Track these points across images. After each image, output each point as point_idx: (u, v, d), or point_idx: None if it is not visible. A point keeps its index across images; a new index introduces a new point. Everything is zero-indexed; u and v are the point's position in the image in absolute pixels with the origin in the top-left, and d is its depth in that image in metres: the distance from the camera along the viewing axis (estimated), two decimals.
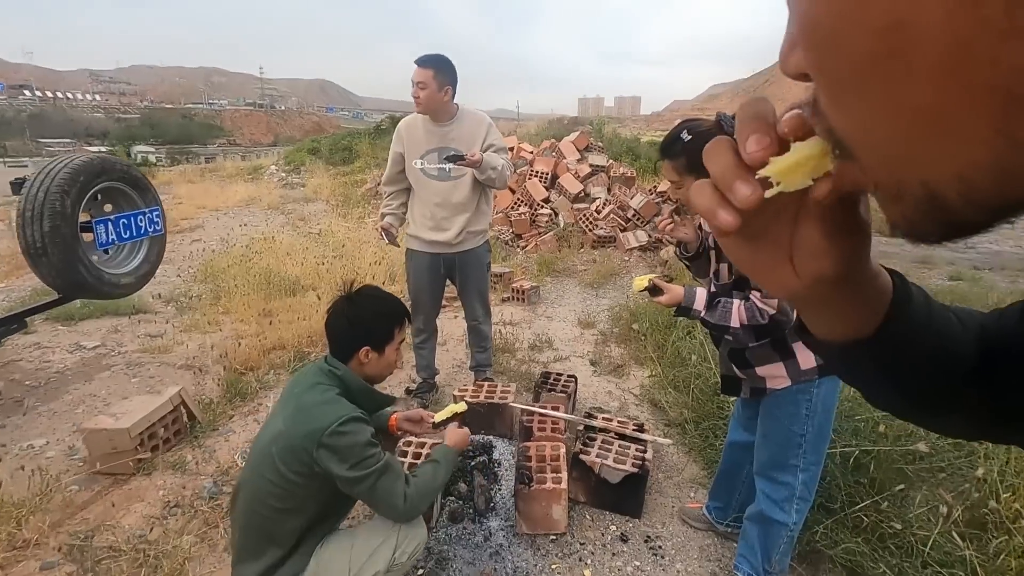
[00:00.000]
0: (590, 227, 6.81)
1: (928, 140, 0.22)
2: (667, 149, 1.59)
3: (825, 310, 0.39)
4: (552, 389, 2.96)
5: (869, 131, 0.24)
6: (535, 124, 21.01)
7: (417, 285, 2.91)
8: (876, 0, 0.20)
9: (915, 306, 0.39)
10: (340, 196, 10.88)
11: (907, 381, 0.41)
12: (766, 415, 1.72)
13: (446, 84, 2.59)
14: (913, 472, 2.20)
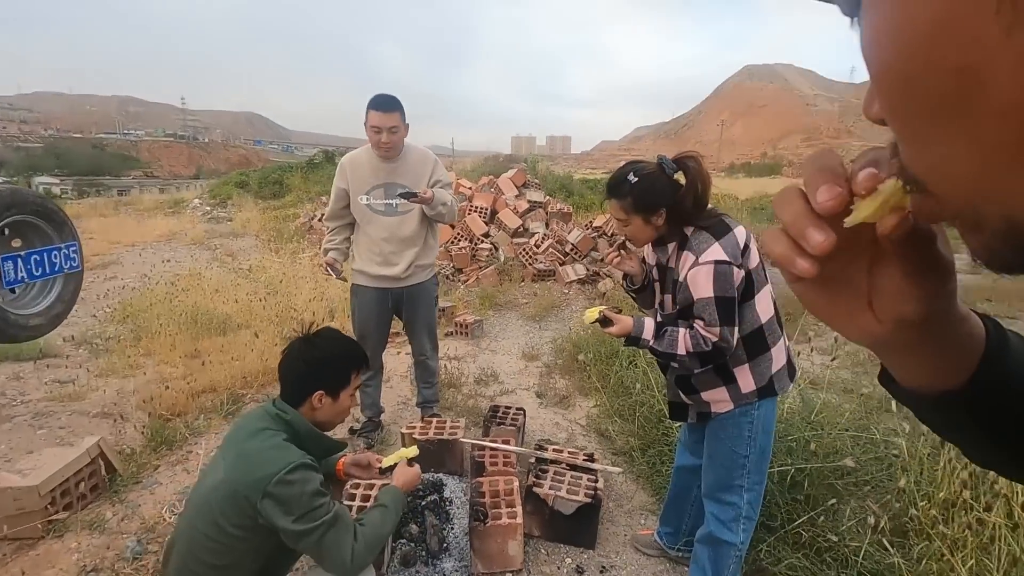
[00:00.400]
0: (530, 261, 6.94)
1: (1006, 174, 0.22)
2: (615, 189, 1.68)
3: (911, 357, 0.37)
4: (501, 422, 2.95)
5: (945, 167, 0.24)
6: (471, 160, 21.37)
7: (364, 321, 2.86)
8: (948, 44, 0.21)
9: (1013, 353, 0.37)
10: (272, 231, 10.51)
11: (1004, 435, 0.38)
12: (711, 438, 1.80)
13: (406, 124, 2.63)
14: (842, 487, 2.35)
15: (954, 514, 1.95)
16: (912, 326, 0.33)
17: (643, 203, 1.64)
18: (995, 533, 1.78)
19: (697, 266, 1.56)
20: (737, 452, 1.73)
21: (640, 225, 1.69)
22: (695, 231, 1.62)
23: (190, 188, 26.88)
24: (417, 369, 3.12)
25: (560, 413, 3.56)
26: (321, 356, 1.57)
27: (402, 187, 2.67)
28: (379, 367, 3.04)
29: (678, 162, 1.64)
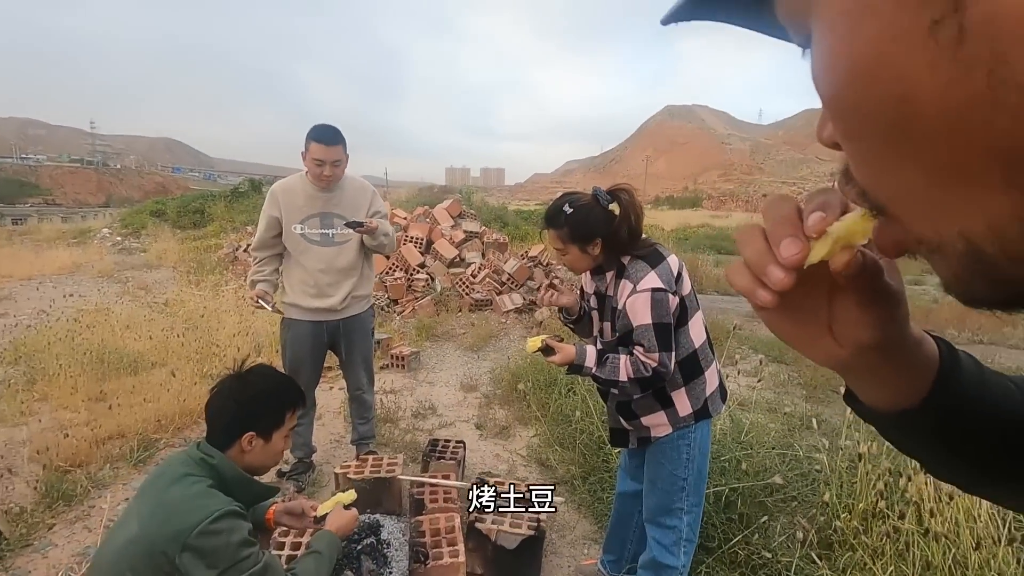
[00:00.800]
0: (467, 291, 6.92)
1: (955, 191, 0.24)
2: (552, 220, 1.73)
3: (871, 378, 0.40)
4: (441, 457, 2.88)
5: (899, 188, 0.26)
6: (405, 191, 21.27)
7: (296, 356, 2.72)
8: (885, 75, 0.23)
9: (965, 374, 0.40)
10: (191, 262, 9.91)
11: (967, 453, 0.41)
12: (652, 462, 1.83)
13: (347, 155, 2.58)
14: (772, 504, 2.45)
15: (873, 524, 2.07)
16: (870, 350, 0.36)
17: (579, 233, 1.69)
18: (909, 540, 1.91)
19: (635, 294, 1.61)
20: (677, 475, 1.77)
21: (577, 254, 1.73)
22: (631, 260, 1.68)
23: (98, 217, 24.99)
24: (352, 404, 2.99)
25: (500, 444, 3.52)
26: (254, 394, 1.47)
27: (339, 217, 2.61)
28: (311, 404, 2.90)
29: (612, 193, 1.71)
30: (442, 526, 2.20)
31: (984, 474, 0.42)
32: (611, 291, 1.74)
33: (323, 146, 2.47)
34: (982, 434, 0.40)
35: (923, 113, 0.22)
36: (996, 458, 0.41)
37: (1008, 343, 6.63)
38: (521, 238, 12.87)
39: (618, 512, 2.16)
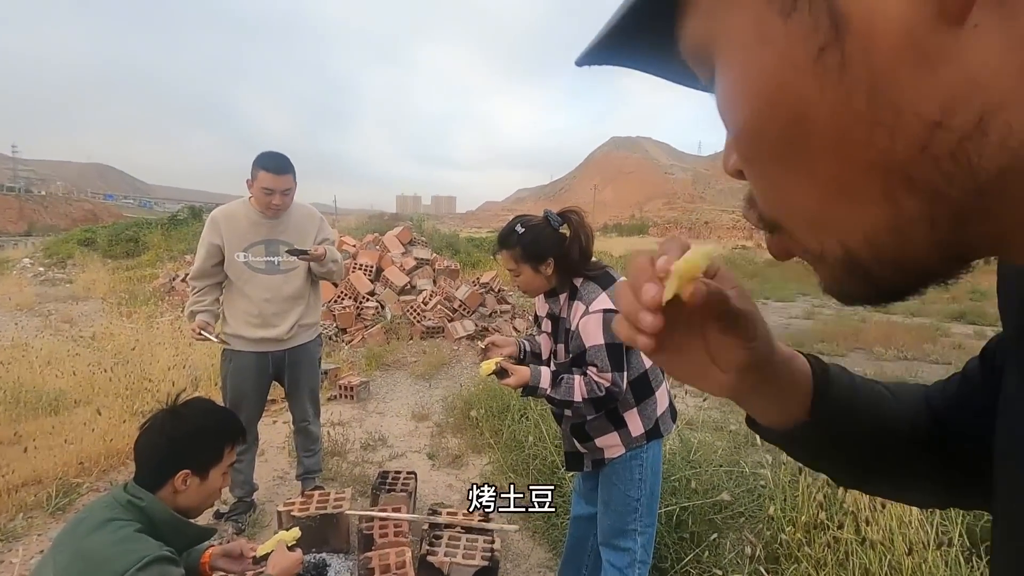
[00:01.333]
0: (418, 318, 6.84)
1: (838, 206, 0.26)
2: (504, 240, 1.76)
3: (759, 398, 0.44)
4: (391, 489, 2.79)
5: (792, 204, 0.29)
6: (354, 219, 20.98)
7: (239, 389, 2.59)
8: (783, 100, 0.25)
9: (837, 384, 0.45)
10: (123, 293, 9.36)
11: (855, 455, 0.46)
12: (605, 484, 1.84)
13: (296, 182, 2.53)
14: (721, 521, 2.50)
15: (815, 535, 2.14)
16: (749, 371, 0.40)
17: (531, 252, 1.72)
18: (848, 549, 1.99)
19: (588, 315, 1.65)
20: (630, 496, 1.78)
21: (530, 275, 1.76)
22: (583, 282, 1.72)
23: (18, 246, 23.32)
24: (298, 437, 2.87)
25: (453, 473, 3.45)
26: (189, 430, 1.38)
27: (285, 244, 2.55)
28: (254, 439, 2.76)
29: (562, 216, 1.76)
30: (392, 561, 2.12)
31: (871, 475, 0.48)
32: (564, 313, 1.77)
33: (272, 175, 2.41)
34: (862, 437, 0.45)
35: (816, 132, 0.25)
36: (879, 458, 0.46)
37: (929, 359, 7.11)
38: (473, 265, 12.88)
39: (573, 537, 2.14)
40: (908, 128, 0.23)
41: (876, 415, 0.46)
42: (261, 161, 2.43)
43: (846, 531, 2.01)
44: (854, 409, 0.45)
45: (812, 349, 7.43)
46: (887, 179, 0.24)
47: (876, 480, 0.49)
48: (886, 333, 8.19)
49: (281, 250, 2.55)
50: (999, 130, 0.22)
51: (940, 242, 0.25)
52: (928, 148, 0.23)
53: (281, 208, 2.48)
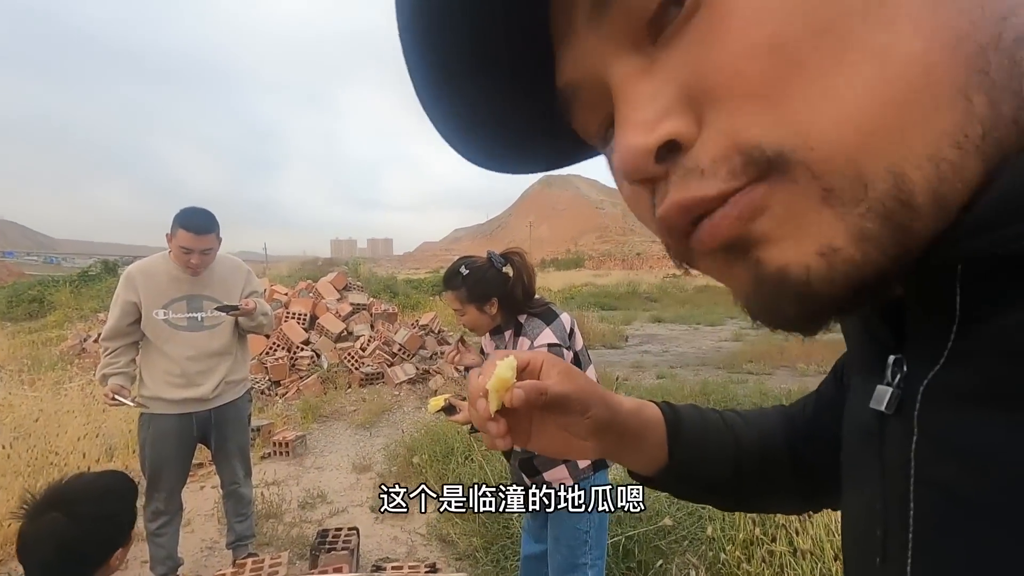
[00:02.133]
0: (356, 365, 6.65)
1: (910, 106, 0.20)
2: (449, 282, 1.81)
3: (624, 451, 0.48)
4: (332, 548, 2.66)
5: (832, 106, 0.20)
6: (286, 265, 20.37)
7: (160, 456, 2.42)
8: None
9: (688, 423, 0.49)
10: (25, 359, 8.54)
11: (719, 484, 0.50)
12: (554, 519, 1.84)
13: (220, 240, 2.44)
14: (666, 546, 2.54)
15: (753, 551, 2.22)
16: (602, 434, 0.45)
17: (475, 293, 1.77)
18: (783, 561, 2.08)
19: (533, 350, 1.68)
20: (579, 528, 1.79)
21: (475, 314, 1.80)
22: (528, 318, 1.77)
23: None
24: (227, 502, 2.69)
25: (398, 525, 3.32)
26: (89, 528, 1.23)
27: (209, 299, 2.45)
28: (178, 509, 2.56)
29: (505, 256, 1.83)
30: None
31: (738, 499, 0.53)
32: (510, 349, 1.80)
33: (192, 234, 2.31)
34: (719, 466, 0.50)
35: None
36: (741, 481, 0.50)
37: None
38: (412, 307, 12.75)
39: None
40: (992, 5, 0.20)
41: (727, 443, 0.50)
42: (181, 219, 2.34)
43: (779, 544, 2.11)
44: (707, 442, 0.50)
45: (742, 370, 7.82)
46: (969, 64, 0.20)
47: (748, 500, 0.54)
48: (806, 350, 8.73)
49: (205, 306, 2.45)
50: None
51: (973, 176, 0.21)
52: (1002, 37, 0.20)
53: (200, 267, 2.39)
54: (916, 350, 0.28)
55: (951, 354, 0.25)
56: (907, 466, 0.27)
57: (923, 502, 0.27)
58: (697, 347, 10.48)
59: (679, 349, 10.25)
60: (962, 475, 0.24)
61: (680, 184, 0.24)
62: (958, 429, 0.25)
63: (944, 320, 0.25)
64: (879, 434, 0.31)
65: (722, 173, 0.22)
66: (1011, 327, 0.22)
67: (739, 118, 0.22)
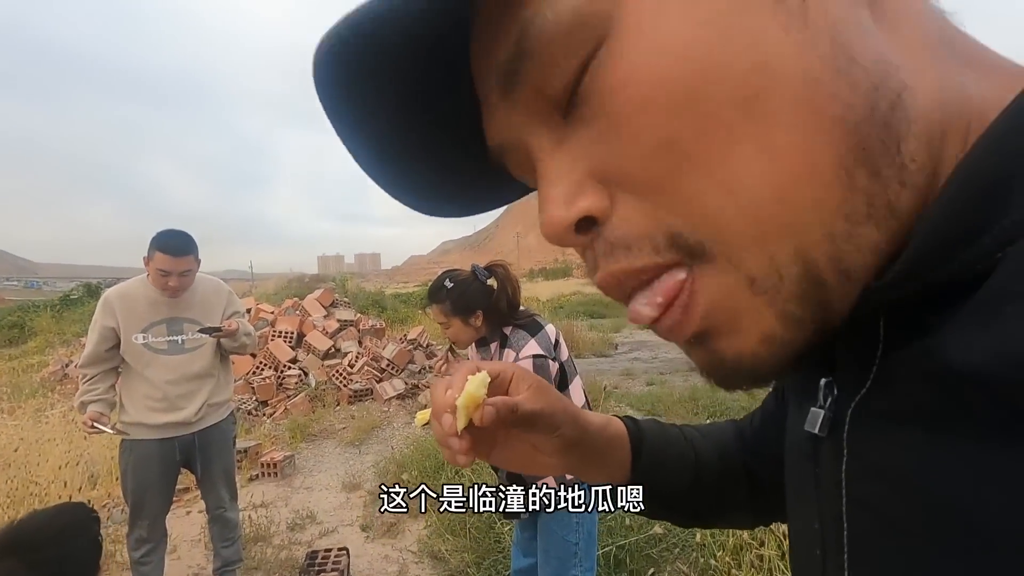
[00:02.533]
0: (344, 382, 6.60)
1: (797, 186, 0.22)
2: (434, 295, 1.83)
3: (590, 469, 0.48)
4: (321, 570, 2.63)
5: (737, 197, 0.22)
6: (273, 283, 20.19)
7: (142, 483, 2.37)
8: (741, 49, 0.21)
9: (649, 437, 0.49)
10: (5, 386, 8.38)
11: (678, 498, 0.50)
12: (543, 532, 1.83)
13: (199, 261, 2.42)
14: (657, 554, 2.54)
15: (742, 556, 2.23)
16: (568, 451, 0.45)
17: (460, 306, 1.79)
18: (771, 566, 2.08)
19: (518, 361, 1.70)
20: (568, 540, 1.78)
21: (460, 327, 1.81)
22: (513, 330, 1.78)
23: None
24: (213, 527, 2.65)
25: (389, 544, 3.29)
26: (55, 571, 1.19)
27: (190, 322, 2.42)
28: (162, 536, 2.51)
29: (489, 269, 1.85)
30: None
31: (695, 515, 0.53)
32: (483, 362, 1.81)
33: (169, 256, 2.28)
34: (679, 480, 0.50)
35: (782, 80, 0.21)
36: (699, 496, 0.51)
37: None
38: (401, 321, 12.69)
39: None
40: (862, 83, 0.21)
41: (687, 458, 0.51)
42: (158, 241, 2.32)
43: (768, 548, 2.12)
44: (668, 457, 0.50)
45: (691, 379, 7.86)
46: (847, 144, 0.21)
47: (702, 515, 0.54)
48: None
49: (186, 328, 2.43)
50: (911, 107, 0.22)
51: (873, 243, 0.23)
52: (875, 110, 0.21)
53: (179, 290, 2.36)
54: (844, 374, 0.29)
55: (876, 378, 0.26)
56: (839, 487, 0.28)
57: (856, 523, 0.27)
58: None
59: (668, 356, 10.27)
60: (889, 496, 0.25)
61: (608, 256, 0.26)
62: (883, 450, 0.25)
63: (869, 345, 0.26)
64: (813, 455, 0.32)
65: (647, 249, 0.24)
66: (930, 351, 0.22)
67: (653, 206, 0.24)
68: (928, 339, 0.23)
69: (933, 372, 0.22)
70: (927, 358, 0.22)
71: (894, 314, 0.25)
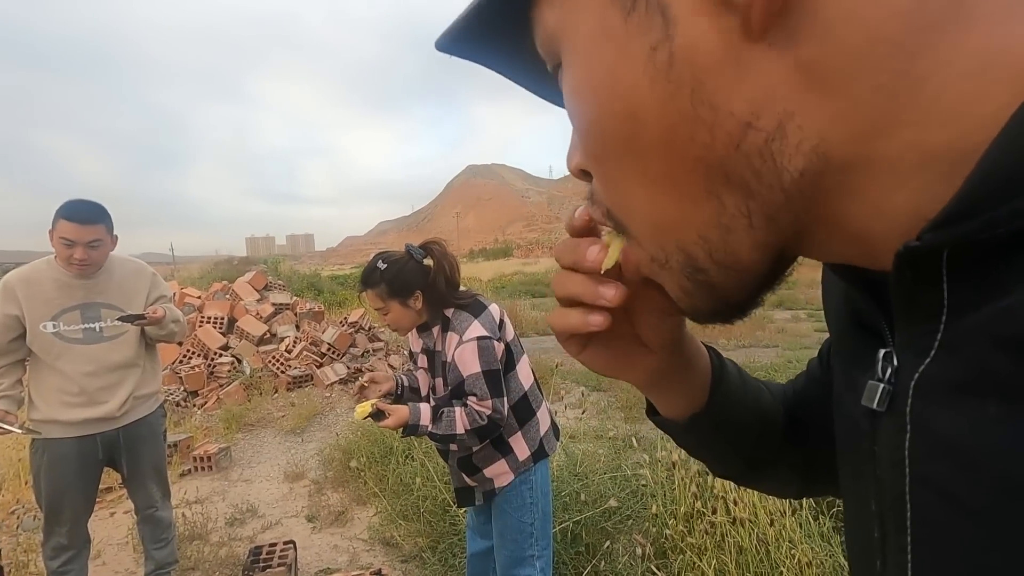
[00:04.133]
0: (282, 368, 6.31)
1: (671, 204, 0.28)
2: (367, 279, 1.72)
3: (671, 385, 0.44)
4: (267, 566, 2.50)
5: (630, 203, 0.30)
6: (198, 266, 18.99)
7: (58, 486, 2.14)
8: (616, 94, 0.27)
9: (730, 376, 0.46)
10: None
11: (739, 444, 0.48)
12: (498, 514, 1.81)
13: (113, 237, 2.18)
14: (612, 527, 2.59)
15: (694, 524, 2.30)
16: (673, 354, 0.41)
17: (395, 287, 1.69)
18: (723, 531, 2.16)
19: (462, 344, 1.63)
20: (524, 522, 1.77)
21: (399, 310, 1.72)
22: (455, 312, 1.70)
23: None
24: (143, 528, 2.45)
25: (338, 533, 3.18)
26: None
27: (108, 307, 2.19)
28: (84, 542, 2.29)
29: (424, 248, 1.75)
30: None
31: (749, 465, 0.50)
32: (439, 346, 1.74)
33: (75, 224, 2.04)
34: (745, 428, 0.48)
35: (647, 128, 0.26)
36: (758, 448, 0.49)
37: (761, 344, 8.16)
38: (339, 304, 12.29)
39: (472, 574, 2.07)
40: (724, 126, 0.25)
41: (757, 408, 0.48)
42: (63, 210, 2.06)
43: (719, 515, 2.19)
44: (742, 401, 0.47)
45: None
46: (709, 175, 0.26)
47: (753, 469, 0.51)
48: (726, 329, 9.26)
49: (104, 314, 2.19)
50: (794, 134, 0.24)
51: (759, 242, 0.27)
52: (741, 146, 0.25)
53: (88, 264, 2.11)
54: (906, 343, 0.27)
55: (941, 345, 0.24)
56: (901, 465, 0.26)
57: (920, 503, 0.25)
58: None
59: None
60: (957, 474, 0.23)
61: (590, 200, 0.34)
62: (951, 425, 0.23)
63: (932, 310, 0.24)
64: (871, 432, 0.30)
65: (600, 212, 0.33)
66: (1004, 312, 0.21)
67: (599, 185, 0.32)
68: (1002, 300, 0.21)
69: (1009, 337, 0.21)
70: (1001, 321, 0.21)
71: (959, 274, 0.23)
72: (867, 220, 0.26)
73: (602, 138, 0.28)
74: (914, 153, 0.23)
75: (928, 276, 0.24)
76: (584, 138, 0.30)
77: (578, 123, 0.30)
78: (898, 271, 0.24)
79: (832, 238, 0.28)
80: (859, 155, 0.24)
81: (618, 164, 0.29)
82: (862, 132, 0.24)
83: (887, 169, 0.24)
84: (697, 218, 0.27)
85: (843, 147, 0.24)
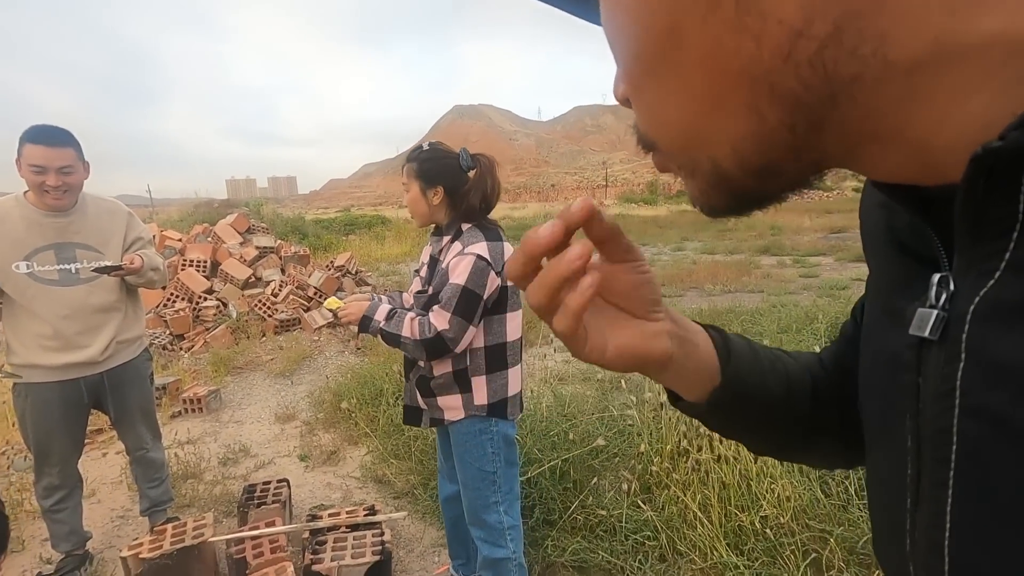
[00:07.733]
0: (269, 312, 6.27)
1: (709, 118, 0.27)
2: (410, 154, 1.79)
3: (689, 366, 0.41)
4: (261, 502, 2.54)
5: (667, 120, 0.30)
6: (177, 209, 18.53)
7: (43, 428, 2.12)
8: (657, 9, 0.26)
9: (737, 346, 0.45)
10: None
11: (767, 413, 0.45)
12: (460, 463, 1.80)
13: (85, 164, 2.06)
14: (599, 465, 2.66)
15: (679, 462, 2.37)
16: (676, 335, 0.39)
17: (424, 171, 1.71)
18: (707, 468, 2.23)
19: (461, 255, 1.62)
20: (485, 470, 1.76)
21: (417, 194, 1.73)
22: (471, 228, 1.68)
23: None
24: (136, 468, 2.47)
25: (330, 471, 3.25)
26: None
27: (84, 247, 2.10)
28: (76, 482, 2.31)
29: (474, 157, 1.75)
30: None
31: (786, 434, 0.48)
32: (443, 256, 1.72)
33: (43, 147, 1.92)
34: (770, 396, 0.45)
35: (689, 42, 0.26)
36: (788, 417, 0.47)
37: (747, 289, 8.25)
38: (324, 248, 12.14)
39: (449, 518, 2.11)
40: (773, 36, 0.24)
41: (778, 372, 0.46)
42: (28, 133, 1.93)
43: (704, 453, 2.26)
44: (758, 369, 0.45)
45: None
46: (753, 88, 0.25)
47: (789, 441, 0.49)
48: (712, 271, 9.33)
49: (79, 255, 2.11)
50: (851, 39, 0.23)
51: (798, 148, 0.27)
52: (791, 56, 0.24)
53: (62, 193, 2.00)
54: (966, 265, 0.25)
55: (1009, 265, 0.23)
56: (951, 396, 0.25)
57: (968, 436, 0.25)
58: None
59: None
60: (1017, 400, 0.22)
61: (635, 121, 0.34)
62: (1013, 349, 0.22)
63: (1003, 226, 0.23)
64: (915, 364, 0.29)
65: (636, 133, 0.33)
66: None
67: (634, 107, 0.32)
68: None
69: None
70: None
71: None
72: (931, 130, 0.24)
73: (640, 58, 0.28)
74: (1000, 46, 0.21)
75: (1002, 186, 0.22)
76: (624, 59, 0.30)
77: (616, 43, 0.30)
78: (969, 180, 0.22)
79: (887, 151, 0.26)
80: (930, 53, 0.22)
81: (655, 83, 0.28)
82: (937, 23, 0.22)
83: (964, 67, 0.22)
84: (733, 132, 0.27)
85: (911, 45, 0.22)
